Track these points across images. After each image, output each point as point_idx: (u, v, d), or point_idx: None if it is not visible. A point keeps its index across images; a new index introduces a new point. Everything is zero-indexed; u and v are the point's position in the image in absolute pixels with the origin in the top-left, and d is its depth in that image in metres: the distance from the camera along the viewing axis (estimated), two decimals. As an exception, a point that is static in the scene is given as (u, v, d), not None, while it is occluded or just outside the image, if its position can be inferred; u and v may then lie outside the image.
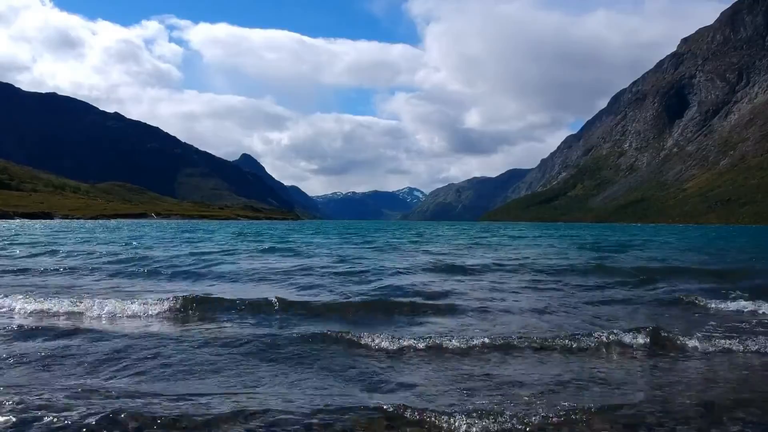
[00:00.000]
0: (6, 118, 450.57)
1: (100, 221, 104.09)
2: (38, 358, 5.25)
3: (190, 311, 7.82)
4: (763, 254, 24.03)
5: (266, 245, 24.64)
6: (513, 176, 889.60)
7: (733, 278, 12.39)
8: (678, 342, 6.02)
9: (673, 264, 16.91)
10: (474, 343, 5.86)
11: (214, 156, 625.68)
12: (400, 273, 13.40)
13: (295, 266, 14.52)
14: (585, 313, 8.33)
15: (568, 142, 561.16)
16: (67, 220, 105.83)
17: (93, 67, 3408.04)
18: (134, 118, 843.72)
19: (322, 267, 14.47)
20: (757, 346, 5.95)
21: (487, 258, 18.55)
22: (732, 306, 8.63)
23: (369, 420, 3.70)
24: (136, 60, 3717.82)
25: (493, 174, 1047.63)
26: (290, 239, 33.25)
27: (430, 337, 6.01)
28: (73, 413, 3.68)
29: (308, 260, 16.77)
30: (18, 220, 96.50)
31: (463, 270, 14.10)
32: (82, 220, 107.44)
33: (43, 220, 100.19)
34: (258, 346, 5.72)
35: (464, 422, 3.66)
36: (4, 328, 6.47)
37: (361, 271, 13.40)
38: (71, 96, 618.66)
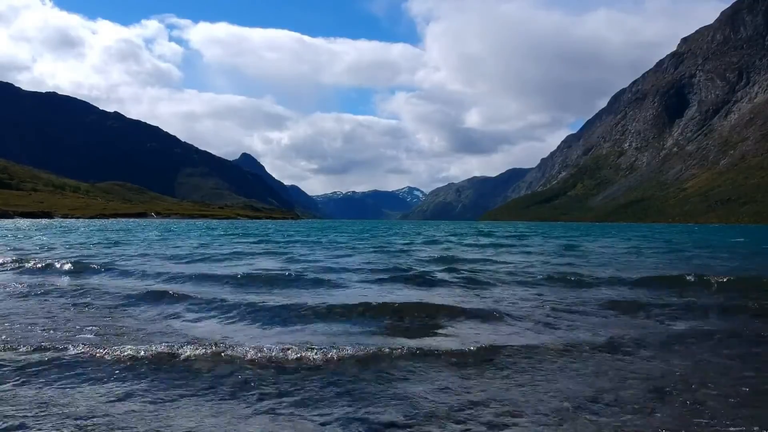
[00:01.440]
0: (6, 118, 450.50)
1: (101, 221, 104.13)
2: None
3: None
4: None
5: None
6: (513, 176, 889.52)
7: None
8: None
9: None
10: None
11: (214, 156, 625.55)
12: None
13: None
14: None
15: (568, 142, 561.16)
16: (66, 220, 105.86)
17: (93, 67, 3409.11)
18: (134, 117, 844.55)
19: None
20: None
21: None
22: None
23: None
24: (136, 59, 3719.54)
25: (493, 173, 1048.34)
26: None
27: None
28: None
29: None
30: (17, 220, 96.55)
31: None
32: (81, 220, 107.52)
33: (42, 219, 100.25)
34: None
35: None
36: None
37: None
38: (71, 95, 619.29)
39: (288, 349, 5.42)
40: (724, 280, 10.66)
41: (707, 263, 17.34)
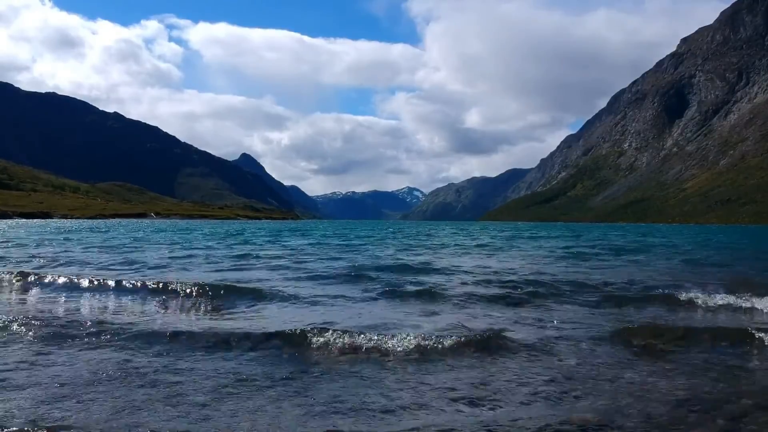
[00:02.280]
0: (6, 118, 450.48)
1: (99, 221, 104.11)
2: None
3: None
4: None
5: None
6: (513, 176, 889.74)
7: None
8: None
9: None
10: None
11: (213, 156, 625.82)
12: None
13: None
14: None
15: (568, 142, 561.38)
16: (64, 220, 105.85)
17: (93, 67, 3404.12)
18: (134, 117, 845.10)
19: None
20: None
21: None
22: None
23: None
24: (136, 60, 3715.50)
25: (493, 174, 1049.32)
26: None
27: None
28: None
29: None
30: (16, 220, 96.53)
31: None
32: (80, 220, 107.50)
33: (39, 220, 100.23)
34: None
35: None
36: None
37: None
38: (71, 96, 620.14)
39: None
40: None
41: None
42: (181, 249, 22.10)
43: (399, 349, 5.68)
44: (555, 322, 7.27)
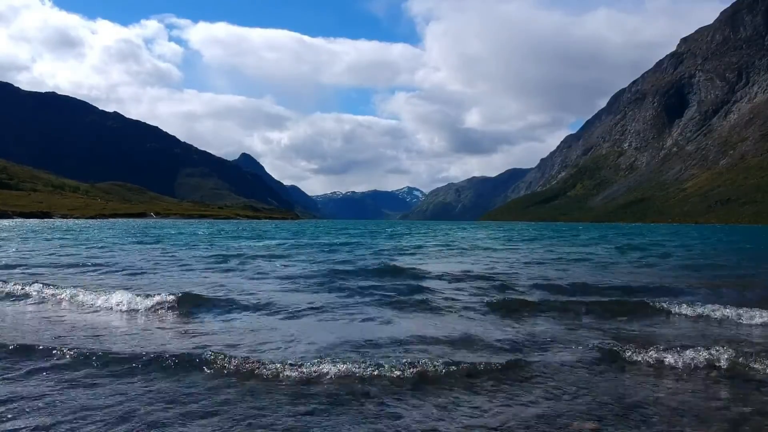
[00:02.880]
0: (6, 118, 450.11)
1: (98, 221, 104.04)
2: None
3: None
4: None
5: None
6: (513, 176, 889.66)
7: None
8: None
9: None
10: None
11: (213, 156, 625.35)
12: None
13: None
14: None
15: (568, 142, 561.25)
16: (64, 220, 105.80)
17: (93, 67, 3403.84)
18: (134, 117, 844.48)
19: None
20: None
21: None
22: None
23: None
24: (136, 59, 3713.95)
25: (493, 174, 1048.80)
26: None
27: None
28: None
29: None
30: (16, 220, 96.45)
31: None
32: (80, 220, 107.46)
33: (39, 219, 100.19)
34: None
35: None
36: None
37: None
38: (71, 96, 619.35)
39: None
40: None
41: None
42: (157, 249, 21.37)
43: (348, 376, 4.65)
44: (543, 338, 6.50)
